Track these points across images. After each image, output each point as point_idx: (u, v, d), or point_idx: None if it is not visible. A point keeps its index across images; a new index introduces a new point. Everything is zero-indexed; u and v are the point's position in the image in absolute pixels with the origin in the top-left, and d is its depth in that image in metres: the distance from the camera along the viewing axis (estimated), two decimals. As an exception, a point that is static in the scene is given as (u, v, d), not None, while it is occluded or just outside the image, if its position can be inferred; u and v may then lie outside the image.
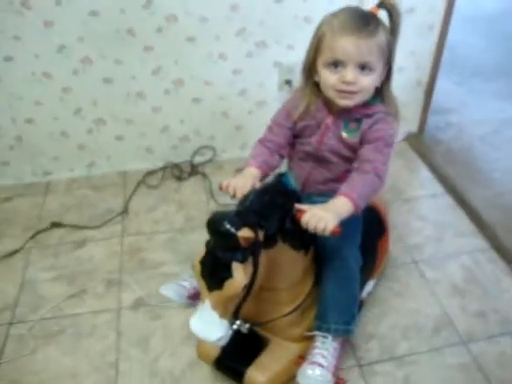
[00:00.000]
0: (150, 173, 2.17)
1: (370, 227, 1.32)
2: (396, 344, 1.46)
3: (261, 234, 0.97)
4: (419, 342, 1.47)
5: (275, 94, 2.07)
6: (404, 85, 2.18)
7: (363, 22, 1.03)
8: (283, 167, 1.33)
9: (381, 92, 1.14)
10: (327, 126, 1.16)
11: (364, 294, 1.44)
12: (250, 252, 0.94)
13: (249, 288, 0.98)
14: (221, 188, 1.13)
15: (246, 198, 1.04)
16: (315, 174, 1.22)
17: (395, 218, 1.88)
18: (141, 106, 2.03)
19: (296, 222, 1.02)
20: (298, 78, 1.25)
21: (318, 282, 1.23)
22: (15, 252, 1.83)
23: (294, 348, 1.21)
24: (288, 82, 2.05)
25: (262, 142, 1.23)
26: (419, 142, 2.31)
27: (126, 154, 2.16)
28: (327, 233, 0.99)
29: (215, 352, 1.21)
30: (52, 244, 1.86)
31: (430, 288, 1.63)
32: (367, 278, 1.42)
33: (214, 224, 0.93)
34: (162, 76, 1.96)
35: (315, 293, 1.22)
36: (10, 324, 1.57)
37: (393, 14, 1.09)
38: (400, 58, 1.87)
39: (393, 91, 1.16)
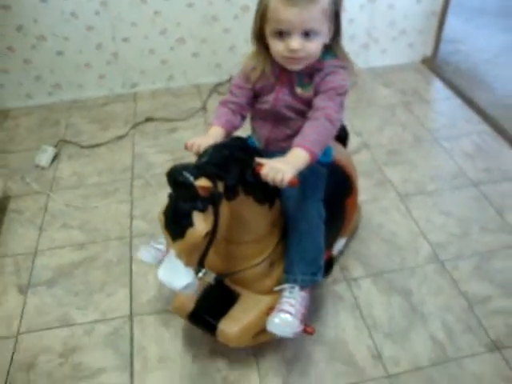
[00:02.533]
0: (219, 84, 2.62)
1: (336, 186, 1.33)
2: (425, 184, 1.93)
3: (220, 185, 0.98)
4: (443, 184, 1.94)
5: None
6: (421, 15, 2.64)
7: None
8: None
9: (331, 48, 1.15)
10: (282, 84, 1.17)
11: (335, 251, 1.50)
12: (209, 201, 0.94)
13: (211, 237, 0.99)
14: (186, 147, 1.13)
15: (205, 151, 1.04)
16: (276, 131, 1.22)
17: (417, 112, 2.36)
18: (215, 27, 2.47)
19: (256, 176, 1.02)
20: None
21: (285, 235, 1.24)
22: (122, 136, 2.30)
23: (264, 300, 1.21)
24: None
25: (224, 103, 1.24)
26: (433, 63, 2.77)
27: (200, 68, 2.61)
28: (285, 183, 0.99)
29: (189, 307, 1.23)
30: (150, 131, 2.33)
31: (447, 152, 2.10)
32: (336, 236, 1.46)
33: (173, 175, 0.94)
34: (233, 2, 2.41)
35: (283, 246, 1.23)
36: (132, 179, 2.04)
37: None
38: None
39: (343, 45, 1.16)
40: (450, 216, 1.79)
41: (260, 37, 1.13)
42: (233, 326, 1.18)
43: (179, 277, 0.95)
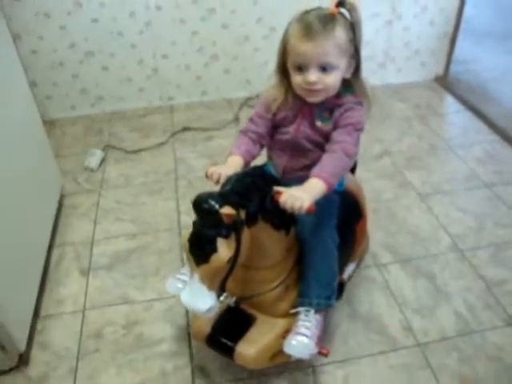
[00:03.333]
0: (249, 98, 2.83)
1: (347, 212, 1.36)
2: (442, 185, 2.12)
3: (242, 213, 1.01)
4: (458, 185, 2.12)
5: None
6: (434, 36, 2.86)
7: (321, 25, 1.06)
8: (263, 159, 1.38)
9: (351, 83, 1.19)
10: (303, 116, 1.21)
11: (345, 276, 1.52)
12: (232, 228, 0.98)
13: (233, 262, 1.02)
14: (207, 175, 1.15)
15: (228, 180, 1.08)
16: (293, 161, 1.26)
17: (432, 124, 2.56)
18: (245, 47, 2.69)
19: (275, 203, 1.05)
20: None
21: (300, 260, 1.28)
22: (163, 143, 2.49)
23: (279, 323, 1.24)
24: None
25: (244, 132, 1.27)
26: (445, 81, 2.98)
27: (231, 84, 2.82)
28: (303, 211, 1.03)
29: (206, 330, 1.26)
30: (188, 139, 2.53)
31: (461, 159, 2.29)
32: (347, 261, 1.49)
33: (199, 203, 0.97)
34: (263, 24, 2.63)
35: (298, 271, 1.26)
36: (176, 180, 2.22)
37: (352, 13, 1.11)
38: (432, 14, 2.57)
39: (364, 81, 1.20)
40: (467, 213, 1.96)
41: (283, 69, 1.18)
42: (250, 348, 1.20)
43: (202, 300, 1.00)
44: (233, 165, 1.18)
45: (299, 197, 1.03)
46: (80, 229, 1.97)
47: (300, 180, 1.11)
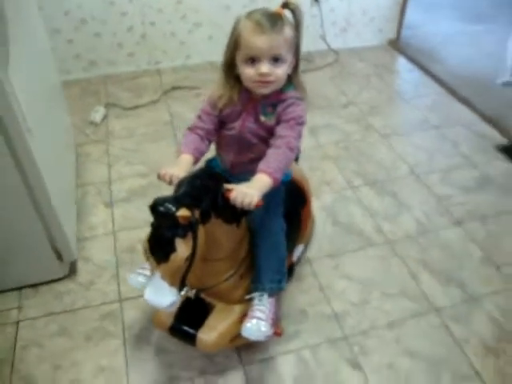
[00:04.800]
0: (228, 61, 3.12)
1: (292, 199, 1.44)
2: (399, 128, 2.52)
3: (197, 212, 1.06)
4: (413, 128, 2.53)
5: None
6: (387, 5, 3.24)
7: (272, 21, 1.11)
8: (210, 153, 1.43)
9: (291, 79, 1.23)
10: (248, 112, 1.24)
11: (294, 257, 1.64)
12: (189, 228, 1.03)
13: (191, 258, 1.07)
14: (159, 177, 1.20)
15: (180, 183, 1.13)
16: (240, 155, 1.29)
17: (388, 80, 2.96)
18: (228, 15, 2.98)
19: (226, 200, 1.11)
20: None
21: (252, 249, 1.34)
22: (157, 101, 2.77)
23: (236, 309, 1.31)
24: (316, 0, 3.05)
25: (192, 129, 1.29)
26: (396, 44, 3.38)
27: (214, 49, 3.10)
28: (252, 206, 1.08)
29: (168, 321, 1.32)
30: (179, 96, 2.81)
31: (414, 107, 2.71)
32: (295, 244, 1.61)
33: (156, 207, 1.02)
34: (240, -7, 2.93)
35: (250, 259, 1.33)
36: (173, 130, 2.52)
37: (296, 14, 1.17)
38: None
39: (301, 77, 1.26)
40: (420, 148, 2.38)
41: (230, 66, 1.21)
42: (210, 334, 1.28)
43: (164, 296, 1.05)
44: (183, 164, 1.21)
45: (248, 193, 1.08)
46: (96, 172, 2.24)
47: (248, 173, 1.17)
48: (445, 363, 1.46)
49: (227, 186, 1.13)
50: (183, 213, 1.01)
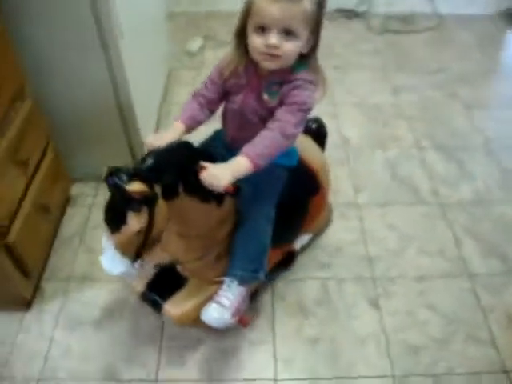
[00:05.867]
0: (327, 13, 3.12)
1: (300, 185, 1.36)
2: (485, 100, 2.43)
3: (157, 188, 0.99)
4: (500, 103, 2.43)
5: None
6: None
7: None
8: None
9: (307, 60, 1.14)
10: (251, 87, 1.16)
11: (297, 246, 1.57)
12: (144, 202, 0.96)
13: (147, 233, 1.01)
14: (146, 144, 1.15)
15: (147, 155, 1.04)
16: (240, 132, 1.22)
17: (492, 53, 2.82)
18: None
19: (198, 178, 1.05)
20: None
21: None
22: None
23: (209, 289, 1.24)
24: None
25: (194, 96, 1.24)
26: (509, 17, 3.18)
27: None
28: (220, 189, 1.03)
29: (141, 286, 1.29)
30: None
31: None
32: (297, 233, 1.51)
33: (107, 177, 0.96)
34: None
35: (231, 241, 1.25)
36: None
37: None
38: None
39: (317, 59, 1.16)
40: (502, 124, 2.28)
41: (241, 33, 1.12)
42: (176, 308, 1.24)
43: (116, 265, 1.02)
44: (170, 133, 1.16)
45: (217, 175, 1.03)
46: (183, 94, 2.39)
47: None
48: (463, 324, 1.48)
49: (203, 163, 1.06)
50: (135, 187, 0.95)
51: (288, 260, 1.56)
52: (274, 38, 1.04)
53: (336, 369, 1.38)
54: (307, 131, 1.48)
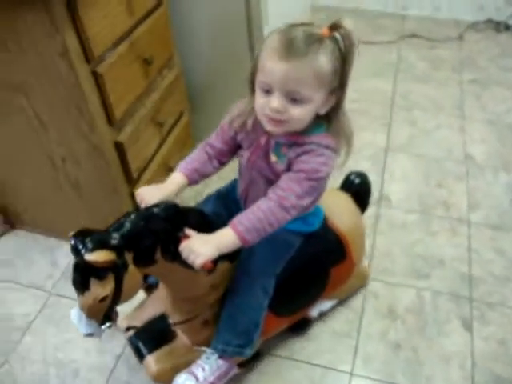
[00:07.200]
0: (476, 23, 2.94)
1: (320, 252, 1.22)
2: None
3: (128, 255, 0.90)
4: None
5: None
6: None
7: (303, 45, 0.84)
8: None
9: (329, 119, 0.96)
10: (258, 145, 1.00)
11: (314, 313, 1.39)
12: (110, 270, 0.87)
13: (114, 298, 0.92)
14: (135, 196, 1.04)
15: (126, 217, 0.93)
16: (250, 190, 1.08)
17: None
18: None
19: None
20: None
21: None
22: (390, 42, 2.81)
23: (192, 352, 1.15)
24: None
25: (204, 145, 1.10)
26: None
27: (464, 7, 2.96)
28: (196, 267, 0.91)
29: (131, 332, 1.21)
30: (414, 45, 2.78)
31: None
32: (312, 301, 1.33)
33: (71, 243, 0.88)
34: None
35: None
36: (396, 71, 2.56)
37: (345, 40, 0.88)
38: None
39: (344, 120, 0.98)
40: None
41: (253, 84, 0.96)
42: (158, 364, 1.15)
43: (83, 325, 0.94)
44: (165, 187, 1.04)
45: (195, 250, 0.90)
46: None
47: None
48: None
49: (188, 231, 0.95)
50: (98, 256, 0.85)
51: (300, 326, 1.39)
52: (275, 102, 0.88)
53: (414, 379, 1.34)
54: (347, 187, 1.37)
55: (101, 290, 0.88)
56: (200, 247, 0.90)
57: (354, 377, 1.36)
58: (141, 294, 1.24)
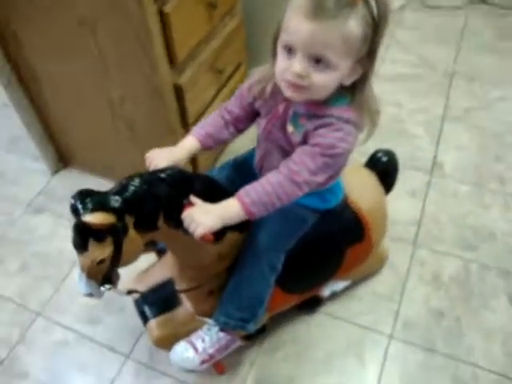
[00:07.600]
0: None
1: (336, 231, 1.16)
2: None
3: (129, 218, 0.86)
4: None
5: None
6: None
7: (334, 6, 0.76)
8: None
9: (351, 92, 0.88)
10: (276, 113, 0.95)
11: (326, 292, 1.34)
12: (108, 234, 0.84)
13: (114, 261, 0.89)
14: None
15: (132, 179, 0.88)
16: (265, 160, 1.03)
17: None
18: None
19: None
20: None
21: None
22: (458, 8, 2.65)
23: (194, 322, 1.14)
24: None
25: (222, 110, 1.05)
26: None
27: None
28: (196, 237, 0.86)
29: (136, 294, 1.20)
30: (483, 11, 2.61)
31: None
32: (325, 280, 1.28)
33: (70, 203, 0.86)
34: None
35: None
36: (460, 42, 2.44)
37: (380, 6, 0.79)
38: None
39: (370, 94, 0.90)
40: None
41: (276, 46, 0.88)
42: (157, 330, 1.14)
43: (82, 285, 0.91)
44: (176, 150, 1.01)
45: (197, 219, 0.85)
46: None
47: None
48: None
49: (193, 199, 0.90)
50: (96, 218, 0.82)
51: (310, 304, 1.35)
52: (297, 66, 0.81)
53: (453, 348, 1.33)
54: (373, 165, 1.28)
55: (99, 252, 0.86)
56: (202, 216, 0.86)
57: (393, 339, 1.35)
58: (151, 257, 1.24)
